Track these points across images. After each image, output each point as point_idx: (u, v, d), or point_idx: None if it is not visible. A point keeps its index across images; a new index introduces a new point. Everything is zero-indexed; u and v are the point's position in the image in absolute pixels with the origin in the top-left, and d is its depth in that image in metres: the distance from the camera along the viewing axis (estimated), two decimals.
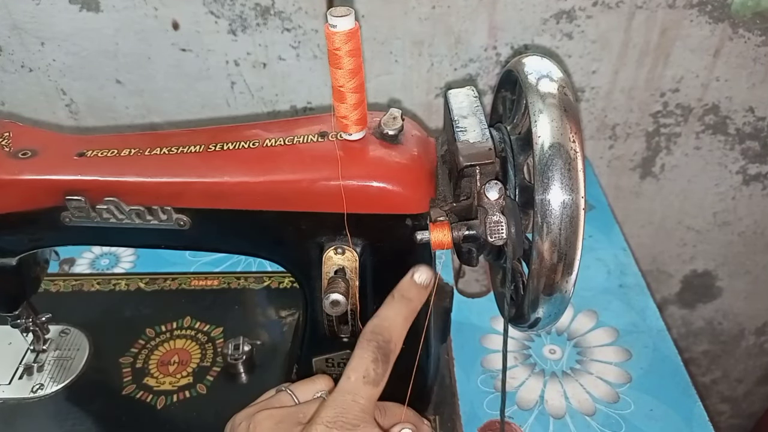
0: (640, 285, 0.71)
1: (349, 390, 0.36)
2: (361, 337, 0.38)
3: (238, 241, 0.48)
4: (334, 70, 0.39)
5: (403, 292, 0.40)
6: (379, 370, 0.37)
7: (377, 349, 0.37)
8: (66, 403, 0.58)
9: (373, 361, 0.37)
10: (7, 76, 0.81)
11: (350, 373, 0.37)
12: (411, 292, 0.40)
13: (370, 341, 0.37)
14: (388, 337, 0.38)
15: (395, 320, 0.39)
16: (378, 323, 0.38)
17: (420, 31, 0.78)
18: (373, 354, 0.37)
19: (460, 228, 0.40)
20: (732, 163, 0.93)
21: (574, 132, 0.37)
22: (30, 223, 0.47)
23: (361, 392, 0.36)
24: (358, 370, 0.36)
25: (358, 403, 0.36)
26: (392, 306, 0.39)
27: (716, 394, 1.31)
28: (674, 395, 0.59)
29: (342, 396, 0.36)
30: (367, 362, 0.37)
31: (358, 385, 0.36)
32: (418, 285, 0.40)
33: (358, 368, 0.37)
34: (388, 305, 0.39)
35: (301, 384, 0.43)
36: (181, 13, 0.75)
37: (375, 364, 0.37)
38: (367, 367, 0.36)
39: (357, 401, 0.36)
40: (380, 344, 0.37)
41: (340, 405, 0.36)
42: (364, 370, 0.36)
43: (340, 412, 0.36)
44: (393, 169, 0.42)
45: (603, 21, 0.78)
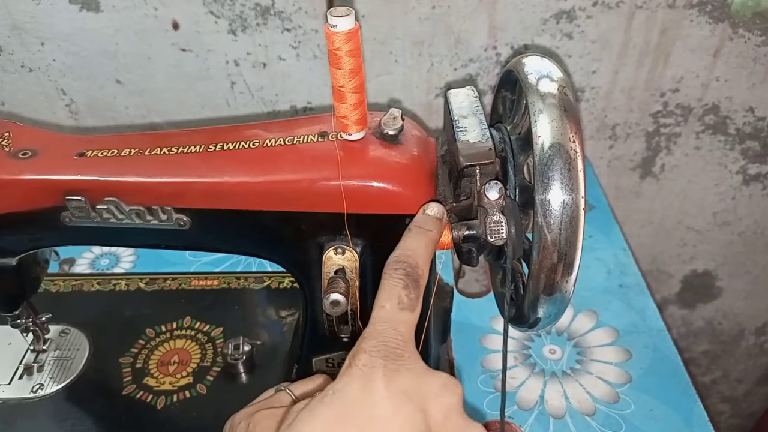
0: (640, 285, 0.71)
1: (387, 318, 0.34)
2: (386, 268, 0.36)
3: (238, 241, 0.48)
4: (334, 70, 0.39)
5: (419, 224, 0.39)
6: (412, 295, 0.35)
7: (405, 275, 0.35)
8: (66, 403, 0.58)
9: (404, 288, 0.35)
10: (7, 76, 0.81)
11: (383, 302, 0.35)
12: (427, 224, 0.39)
13: (396, 269, 0.36)
14: (414, 263, 0.36)
15: (417, 248, 0.37)
16: (401, 253, 0.37)
17: (420, 31, 0.78)
18: (402, 281, 0.35)
19: (460, 228, 0.40)
20: (732, 163, 0.93)
21: (574, 132, 0.37)
22: (30, 223, 0.47)
23: (399, 318, 0.34)
24: (392, 298, 0.35)
25: (399, 330, 0.34)
26: (411, 236, 0.38)
27: (716, 394, 1.31)
28: (674, 395, 0.59)
29: (380, 325, 0.34)
30: (399, 289, 0.35)
31: (394, 312, 0.34)
32: (432, 217, 0.40)
33: (391, 296, 0.35)
34: (406, 237, 0.38)
35: (300, 383, 0.43)
36: (181, 13, 0.75)
37: (407, 290, 0.35)
38: (399, 293, 0.35)
39: (397, 329, 0.34)
40: (407, 270, 0.36)
41: (381, 334, 0.34)
42: (397, 297, 0.35)
43: (382, 340, 0.33)
44: (393, 169, 0.42)
45: (603, 21, 0.78)
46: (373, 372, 0.32)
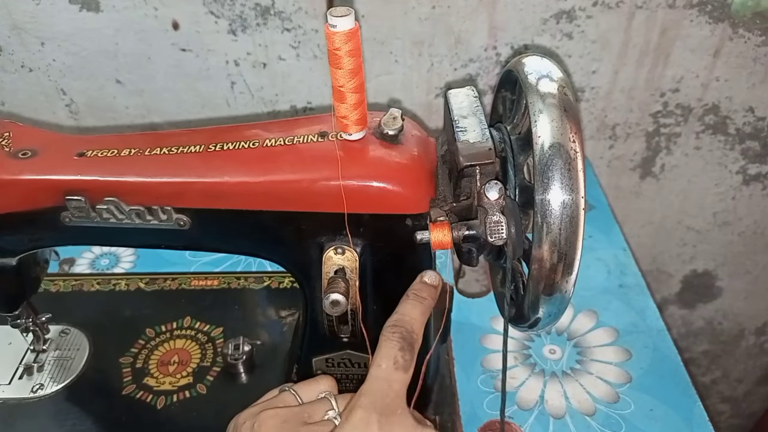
0: (640, 285, 0.71)
1: (382, 376, 0.37)
2: (384, 331, 0.39)
3: (238, 241, 0.48)
4: (334, 70, 0.39)
5: (416, 292, 0.42)
6: (407, 356, 0.38)
7: (401, 338, 0.38)
8: (66, 403, 0.58)
9: (400, 349, 0.38)
10: (7, 76, 0.81)
11: (380, 361, 0.38)
12: (423, 291, 0.42)
13: (393, 333, 0.39)
14: (410, 328, 0.39)
15: (413, 314, 0.40)
16: (398, 318, 0.40)
17: (420, 31, 0.78)
18: (398, 343, 0.38)
19: (460, 228, 0.40)
20: (732, 163, 0.93)
21: (574, 132, 0.37)
22: (30, 223, 0.47)
23: (394, 377, 0.37)
24: (388, 358, 0.38)
25: (393, 388, 0.37)
26: (409, 303, 0.41)
27: (716, 394, 1.31)
28: (674, 395, 0.59)
29: (376, 383, 0.37)
30: (395, 350, 0.38)
31: (389, 371, 0.37)
32: (428, 284, 0.43)
33: (387, 356, 0.38)
34: (403, 303, 0.41)
35: (304, 384, 0.43)
36: (181, 13, 0.75)
37: (402, 352, 0.38)
38: (395, 354, 0.38)
39: (392, 386, 0.37)
40: (403, 334, 0.39)
41: (377, 390, 0.37)
42: (393, 357, 0.38)
43: (378, 397, 0.37)
44: (393, 169, 0.42)
45: (603, 21, 0.78)
46: (369, 427, 0.36)
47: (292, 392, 0.42)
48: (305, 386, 0.43)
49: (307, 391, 0.42)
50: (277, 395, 0.42)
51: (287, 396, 0.42)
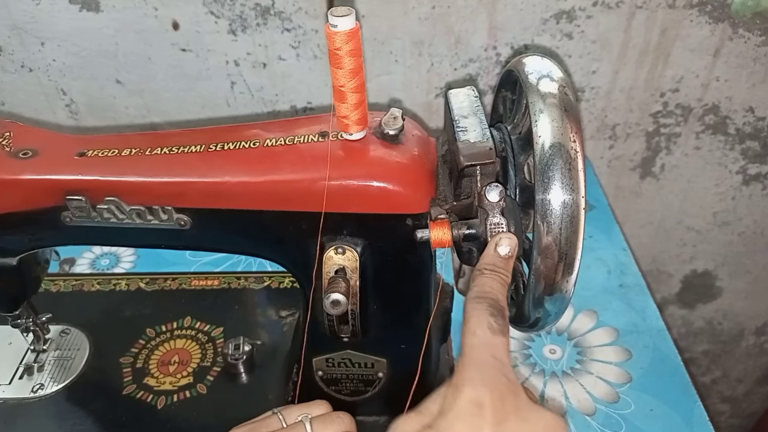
0: (640, 285, 0.71)
1: (481, 344, 0.33)
2: (468, 303, 0.35)
3: (239, 241, 0.48)
4: (335, 70, 0.39)
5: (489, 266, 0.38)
6: (499, 321, 0.34)
7: (490, 306, 0.35)
8: (66, 403, 0.58)
9: (491, 315, 0.34)
10: (7, 76, 0.81)
11: (474, 329, 0.34)
12: (497, 265, 0.38)
13: (479, 302, 0.35)
14: (495, 297, 0.36)
15: (493, 285, 0.36)
16: (479, 290, 0.36)
17: (420, 31, 0.78)
18: (488, 310, 0.34)
19: (460, 227, 0.40)
20: (732, 163, 0.93)
21: (575, 132, 0.37)
22: (30, 223, 0.47)
23: (494, 343, 0.33)
24: (482, 325, 0.34)
25: (497, 356, 0.33)
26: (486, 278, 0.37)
27: (716, 394, 1.31)
28: (674, 395, 0.59)
29: (477, 352, 0.33)
30: (486, 316, 0.34)
31: (487, 337, 0.33)
32: (502, 258, 0.38)
33: (480, 323, 0.34)
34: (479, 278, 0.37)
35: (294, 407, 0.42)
36: (181, 13, 0.75)
37: (494, 318, 0.34)
38: (488, 320, 0.34)
39: (496, 354, 0.33)
40: (491, 303, 0.35)
41: (480, 362, 0.33)
42: (486, 323, 0.34)
43: (484, 369, 0.32)
44: (393, 169, 0.42)
45: (603, 21, 0.78)
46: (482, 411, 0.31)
47: (280, 417, 0.41)
48: (293, 409, 0.42)
49: (293, 413, 0.41)
50: (267, 416, 0.42)
51: (273, 420, 0.41)
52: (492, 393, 0.31)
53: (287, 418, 0.41)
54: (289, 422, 0.40)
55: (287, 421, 0.40)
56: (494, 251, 0.38)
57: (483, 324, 0.34)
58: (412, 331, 0.50)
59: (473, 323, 0.34)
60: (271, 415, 0.42)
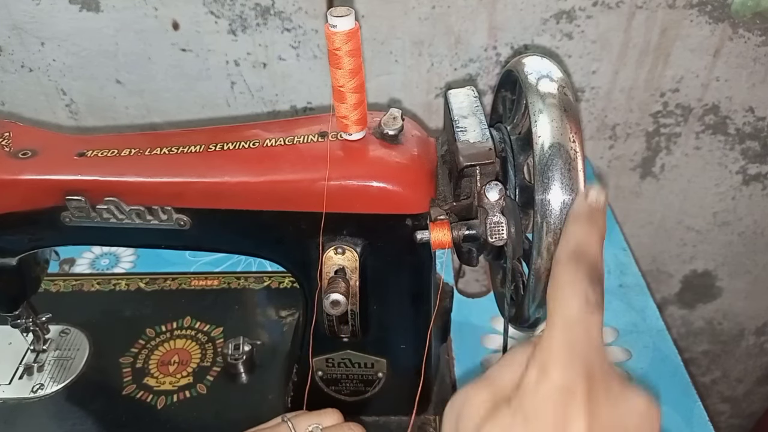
0: (640, 285, 0.71)
1: (577, 321, 0.29)
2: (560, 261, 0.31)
3: (239, 241, 0.48)
4: (334, 70, 0.39)
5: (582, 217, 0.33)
6: (598, 292, 0.30)
7: (589, 271, 0.30)
8: (66, 403, 0.58)
9: (590, 284, 0.29)
10: (7, 76, 0.81)
11: (569, 299, 0.29)
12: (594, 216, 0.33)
13: (578, 263, 0.30)
14: (594, 260, 0.31)
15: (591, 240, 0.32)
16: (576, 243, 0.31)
17: (420, 31, 0.78)
18: (587, 276, 0.30)
19: (460, 228, 0.40)
20: (732, 163, 0.93)
21: (574, 132, 0.37)
22: (30, 223, 0.47)
23: (591, 322, 0.29)
24: (579, 296, 0.29)
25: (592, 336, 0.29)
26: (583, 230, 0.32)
27: (716, 394, 1.31)
28: (674, 395, 0.59)
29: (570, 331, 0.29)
30: (584, 285, 0.29)
31: (583, 313, 0.29)
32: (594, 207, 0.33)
33: (577, 293, 0.29)
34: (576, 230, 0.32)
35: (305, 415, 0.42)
36: (181, 13, 0.75)
37: (592, 287, 0.29)
38: (585, 291, 0.29)
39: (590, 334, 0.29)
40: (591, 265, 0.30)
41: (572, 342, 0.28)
42: (584, 294, 0.29)
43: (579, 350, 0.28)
44: (393, 169, 0.42)
45: (603, 21, 0.78)
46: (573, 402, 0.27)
47: (289, 424, 0.40)
48: (304, 418, 0.41)
49: (304, 422, 0.40)
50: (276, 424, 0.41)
51: (282, 428, 0.40)
52: (585, 379, 0.28)
53: (297, 426, 0.40)
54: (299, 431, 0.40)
55: (297, 430, 0.40)
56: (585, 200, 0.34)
57: (580, 295, 0.29)
58: (412, 331, 0.50)
59: (568, 292, 0.29)
60: (280, 422, 0.41)
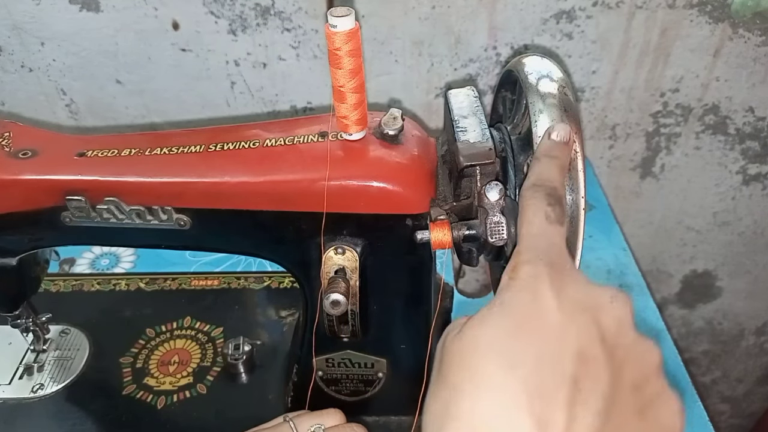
0: (640, 285, 0.71)
1: (538, 232, 0.32)
2: (523, 193, 0.34)
3: (239, 241, 0.48)
4: (335, 70, 0.39)
5: (545, 152, 0.36)
6: (557, 210, 0.33)
7: (547, 195, 0.33)
8: (66, 403, 0.58)
9: (548, 204, 0.33)
10: (7, 76, 0.81)
11: (530, 218, 0.32)
12: (554, 150, 0.36)
13: (536, 191, 0.33)
14: (552, 185, 0.34)
15: (551, 172, 0.35)
16: (535, 177, 0.34)
17: (420, 31, 0.78)
18: (545, 199, 0.33)
19: (460, 228, 0.40)
20: (732, 163, 0.93)
21: (574, 132, 0.37)
22: (30, 223, 0.47)
23: (552, 231, 0.32)
24: (538, 214, 0.32)
25: (555, 242, 0.32)
26: (541, 164, 0.35)
27: (716, 394, 1.31)
28: None
29: (533, 240, 0.32)
30: (543, 206, 0.33)
31: (544, 226, 0.32)
32: (558, 143, 0.36)
33: (537, 212, 0.32)
34: (535, 165, 0.36)
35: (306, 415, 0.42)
36: (181, 13, 0.75)
37: (551, 207, 0.33)
38: (545, 209, 0.32)
39: (552, 240, 0.32)
40: (547, 191, 0.33)
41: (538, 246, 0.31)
42: (543, 212, 0.32)
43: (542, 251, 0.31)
44: (393, 169, 0.42)
45: (603, 21, 0.78)
46: (540, 282, 0.29)
47: (291, 424, 0.40)
48: (306, 418, 0.41)
49: (306, 422, 0.40)
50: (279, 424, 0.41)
51: (284, 427, 0.40)
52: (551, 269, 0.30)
53: (299, 426, 0.40)
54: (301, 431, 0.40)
55: (299, 430, 0.40)
56: (548, 138, 0.37)
57: (540, 213, 0.32)
58: (412, 332, 0.50)
59: (529, 213, 0.33)
60: (282, 422, 0.41)
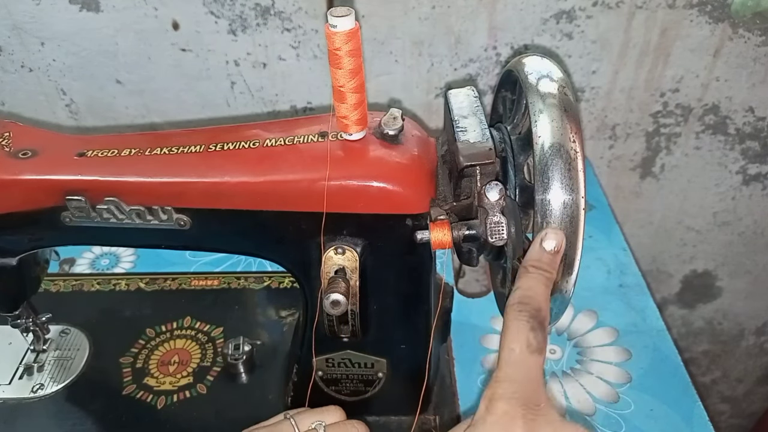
0: (640, 285, 0.71)
1: (518, 361, 0.34)
2: (509, 310, 0.36)
3: (239, 241, 0.48)
4: (335, 70, 0.39)
5: (534, 263, 0.37)
6: (539, 337, 0.34)
7: (531, 317, 0.35)
8: (66, 403, 0.58)
9: (531, 330, 0.34)
10: (7, 76, 0.81)
11: (512, 344, 0.34)
12: (543, 261, 0.37)
13: (521, 311, 0.35)
14: (537, 306, 0.35)
15: (537, 289, 0.36)
16: (522, 294, 0.36)
17: (420, 31, 0.78)
18: (528, 323, 0.34)
19: (460, 228, 0.40)
20: (732, 163, 0.93)
21: (574, 132, 0.37)
22: (30, 223, 0.47)
23: (531, 362, 0.34)
24: (520, 340, 0.34)
25: (532, 374, 0.34)
26: (531, 278, 0.37)
27: (716, 394, 1.31)
28: (674, 395, 0.59)
29: (513, 369, 0.34)
30: (526, 331, 0.34)
31: (524, 355, 0.34)
32: (548, 254, 0.37)
33: (519, 338, 0.34)
34: (525, 277, 0.37)
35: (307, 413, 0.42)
36: (181, 13, 0.75)
37: (534, 332, 0.34)
38: (527, 336, 0.34)
39: (530, 372, 0.34)
40: (532, 313, 0.35)
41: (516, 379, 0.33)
42: (525, 339, 0.34)
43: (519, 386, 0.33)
44: (393, 169, 0.42)
45: (603, 21, 0.78)
46: (514, 423, 0.32)
47: (292, 421, 0.40)
48: (307, 415, 0.41)
49: (306, 419, 0.41)
50: (280, 421, 0.41)
51: (285, 425, 0.40)
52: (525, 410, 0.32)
53: (300, 424, 0.40)
54: (302, 429, 0.40)
55: (300, 427, 0.40)
56: (539, 246, 0.37)
57: (521, 340, 0.34)
58: (412, 332, 0.50)
59: (511, 337, 0.34)
60: (283, 419, 0.41)
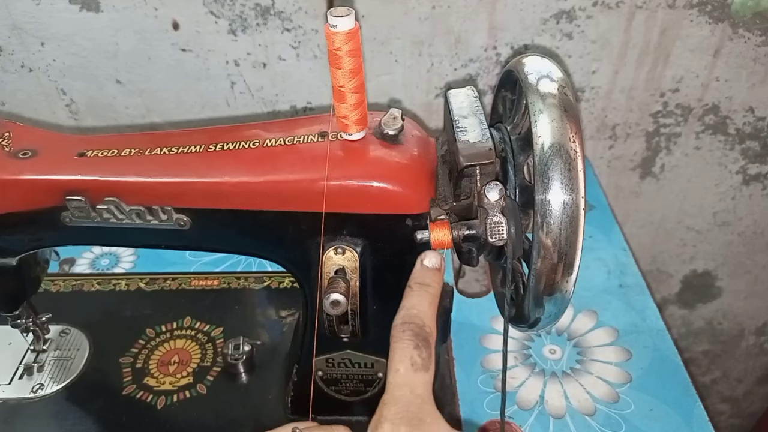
0: (640, 285, 0.71)
1: (403, 382, 0.35)
2: (393, 331, 0.36)
3: (238, 241, 0.48)
4: (334, 70, 0.39)
5: (418, 280, 0.39)
6: (423, 354, 0.35)
7: (414, 336, 0.36)
8: (66, 403, 0.58)
9: (415, 348, 0.35)
10: (7, 76, 0.81)
11: (396, 365, 0.35)
12: (426, 278, 0.39)
13: (404, 331, 0.36)
14: (420, 323, 0.36)
15: (420, 306, 0.37)
16: (405, 313, 0.37)
17: (420, 31, 0.78)
18: (412, 341, 0.35)
19: (460, 228, 0.40)
20: (732, 163, 0.93)
21: (574, 132, 0.37)
22: (30, 223, 0.47)
23: (416, 380, 0.35)
24: (404, 360, 0.35)
25: (417, 393, 0.34)
26: (413, 294, 0.38)
27: (716, 394, 1.31)
28: (674, 395, 0.59)
29: (398, 390, 0.34)
30: (410, 350, 0.35)
31: (409, 375, 0.35)
32: (430, 269, 0.40)
33: (403, 358, 0.35)
34: (409, 296, 0.38)
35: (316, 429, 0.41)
36: (181, 13, 0.75)
37: (418, 350, 0.35)
38: (411, 355, 0.35)
39: (415, 391, 0.34)
40: (415, 330, 0.36)
41: (400, 399, 0.34)
42: (409, 358, 0.35)
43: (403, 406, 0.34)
44: (393, 169, 0.42)
45: (603, 21, 0.78)
46: None
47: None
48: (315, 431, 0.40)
49: None
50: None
51: None
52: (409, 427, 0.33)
53: None
54: None
55: None
56: (421, 265, 0.40)
57: (405, 360, 0.35)
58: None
59: (396, 358, 0.35)
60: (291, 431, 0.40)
